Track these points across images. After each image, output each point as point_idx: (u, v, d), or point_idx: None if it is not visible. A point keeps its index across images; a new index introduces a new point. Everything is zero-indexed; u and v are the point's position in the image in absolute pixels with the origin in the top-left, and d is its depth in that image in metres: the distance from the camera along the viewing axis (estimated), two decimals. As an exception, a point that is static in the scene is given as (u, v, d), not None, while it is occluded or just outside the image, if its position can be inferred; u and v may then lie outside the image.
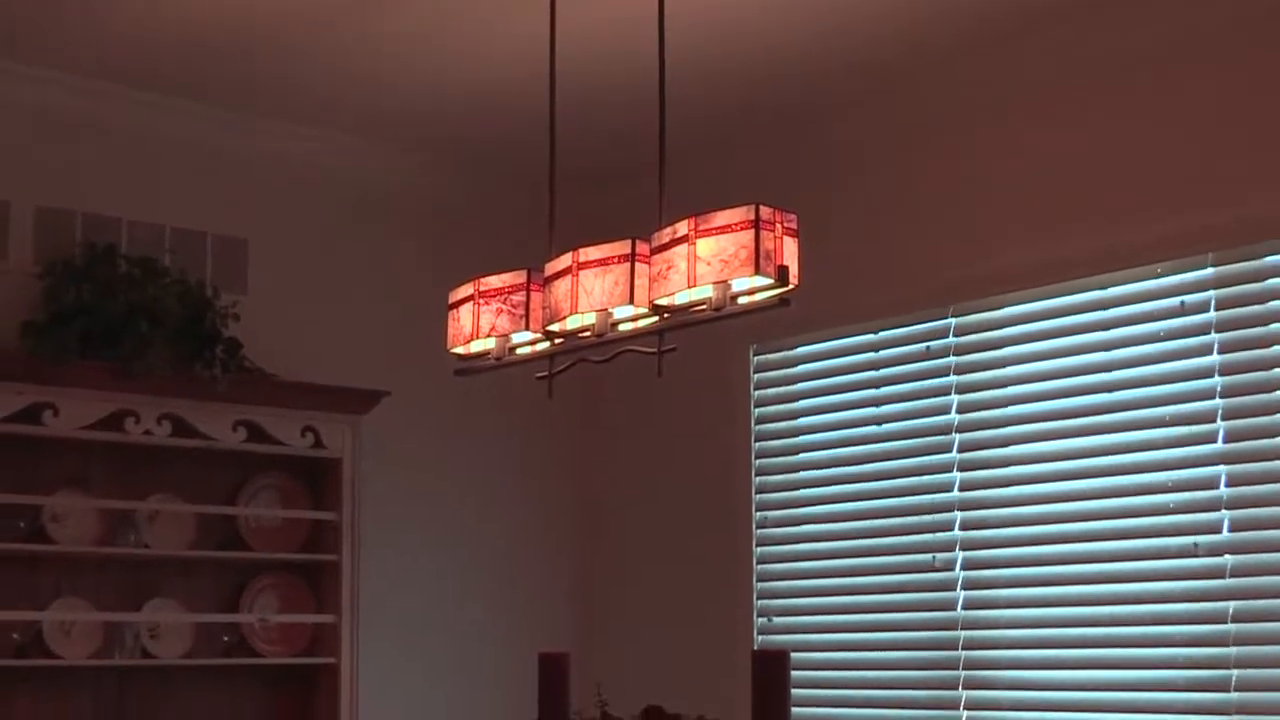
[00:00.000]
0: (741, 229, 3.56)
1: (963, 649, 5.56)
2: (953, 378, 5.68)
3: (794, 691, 3.66)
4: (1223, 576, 4.89)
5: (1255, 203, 4.83)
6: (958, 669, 5.57)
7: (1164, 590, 5.02)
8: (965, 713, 5.52)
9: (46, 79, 5.60)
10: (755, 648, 5.96)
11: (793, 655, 3.70)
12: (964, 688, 5.54)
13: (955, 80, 5.61)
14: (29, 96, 5.62)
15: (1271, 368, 4.82)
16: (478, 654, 6.56)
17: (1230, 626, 4.85)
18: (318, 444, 5.85)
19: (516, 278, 4.23)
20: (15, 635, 5.40)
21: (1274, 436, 4.80)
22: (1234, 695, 4.82)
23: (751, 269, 3.56)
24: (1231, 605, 4.85)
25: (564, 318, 3.96)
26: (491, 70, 5.55)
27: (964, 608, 5.57)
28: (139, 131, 5.88)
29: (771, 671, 3.57)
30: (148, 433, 5.49)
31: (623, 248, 3.84)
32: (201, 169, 6.05)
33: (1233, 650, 4.84)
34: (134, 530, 5.63)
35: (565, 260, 3.95)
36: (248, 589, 5.91)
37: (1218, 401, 4.93)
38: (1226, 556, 4.88)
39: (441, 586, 6.53)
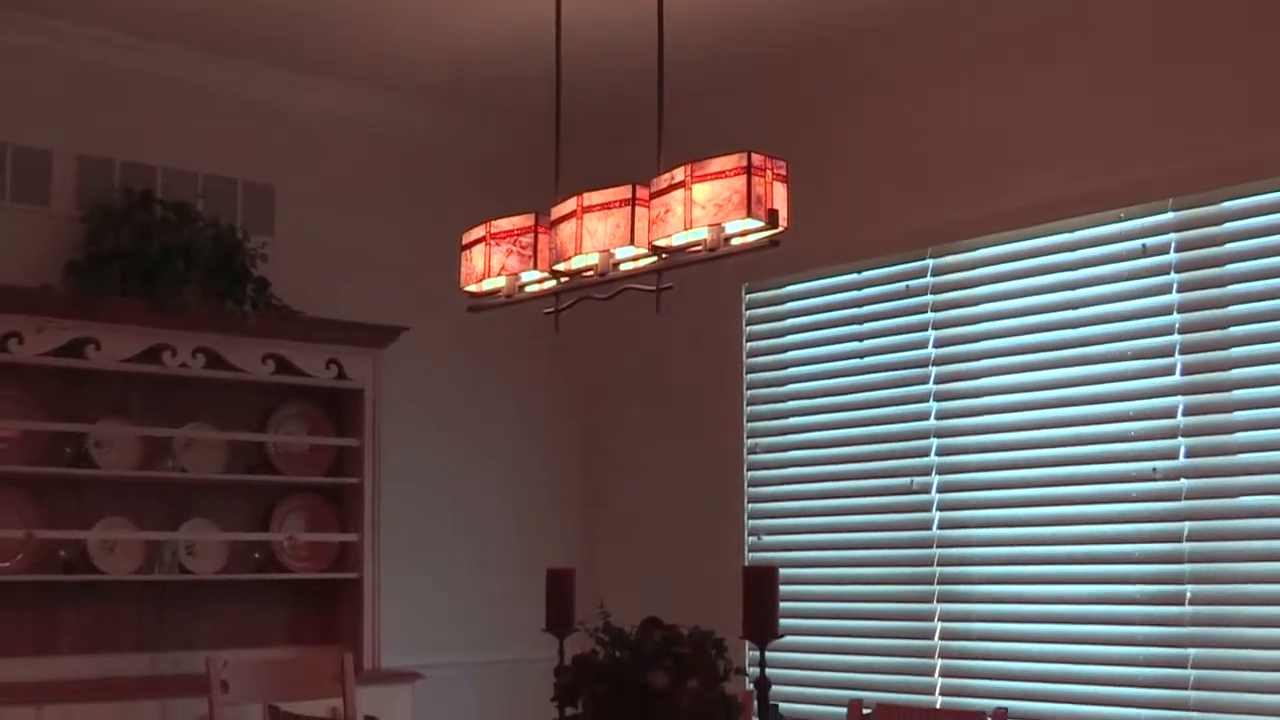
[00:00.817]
0: (735, 175, 3.56)
1: (938, 565, 5.58)
2: (930, 315, 5.69)
3: (781, 604, 3.68)
4: (1178, 498, 4.90)
5: (1213, 152, 4.82)
6: (933, 584, 5.59)
7: (1124, 511, 5.04)
8: (940, 624, 5.55)
9: (87, 35, 5.58)
10: (746, 564, 5.98)
11: (780, 571, 3.72)
12: (939, 601, 5.57)
13: (936, 35, 5.58)
14: (71, 52, 5.59)
15: (1226, 306, 4.83)
16: (490, 569, 6.59)
17: (1185, 544, 4.87)
18: (341, 375, 5.86)
19: (525, 221, 4.23)
20: (63, 553, 5.43)
21: (1228, 370, 4.81)
22: (1188, 609, 4.85)
23: (744, 212, 3.56)
24: (1186, 525, 4.87)
25: (569, 258, 3.96)
26: (503, 27, 5.53)
27: (939, 527, 5.59)
28: (174, 85, 5.86)
29: (761, 585, 3.58)
30: (183, 365, 5.50)
31: (624, 193, 3.84)
32: (232, 120, 6.04)
33: (1187, 567, 4.86)
34: (171, 456, 5.66)
35: (570, 204, 3.95)
36: (277, 510, 5.93)
37: (1176, 337, 4.93)
38: (1182, 480, 4.90)
39: (456, 507, 6.55)
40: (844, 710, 4.33)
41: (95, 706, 5.05)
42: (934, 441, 5.63)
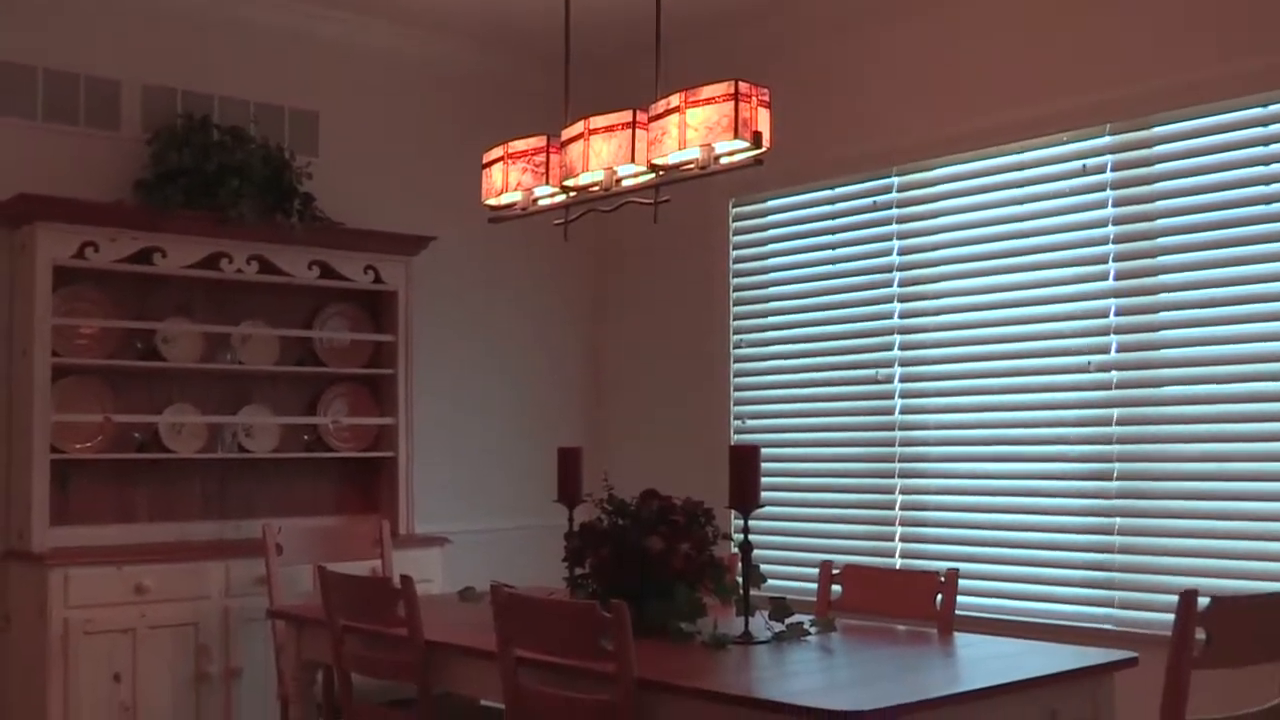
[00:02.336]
0: (724, 101, 3.55)
1: (899, 446, 5.60)
2: (894, 227, 5.66)
3: (763, 479, 3.69)
4: (1109, 389, 4.91)
5: (1146, 81, 4.79)
6: (894, 462, 5.61)
7: (1062, 399, 5.05)
8: (900, 496, 5.58)
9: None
10: (731, 444, 6.00)
11: (762, 450, 3.72)
12: (899, 476, 5.59)
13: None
14: (135, -9, 5.56)
15: (1154, 219, 4.81)
16: (509, 448, 6.61)
17: (1114, 429, 4.89)
18: (377, 279, 5.84)
19: (538, 142, 4.21)
20: (137, 435, 5.44)
21: (1155, 275, 4.80)
22: (1115, 484, 4.88)
23: (731, 134, 3.55)
24: (1116, 411, 4.89)
25: (577, 174, 3.95)
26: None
27: (900, 413, 5.60)
28: (229, 21, 5.79)
29: (745, 462, 3.59)
30: (239, 271, 5.48)
31: (625, 117, 3.84)
32: (281, 52, 5.97)
33: (1115, 447, 4.88)
34: (230, 350, 5.65)
35: (578, 127, 3.93)
36: (323, 397, 5.93)
37: (1110, 247, 4.92)
38: (1113, 372, 4.90)
39: (479, 393, 6.56)
40: (816, 570, 4.35)
41: (168, 567, 5.08)
42: (897, 338, 5.63)
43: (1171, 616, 2.54)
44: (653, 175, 3.84)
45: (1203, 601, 2.53)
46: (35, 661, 4.89)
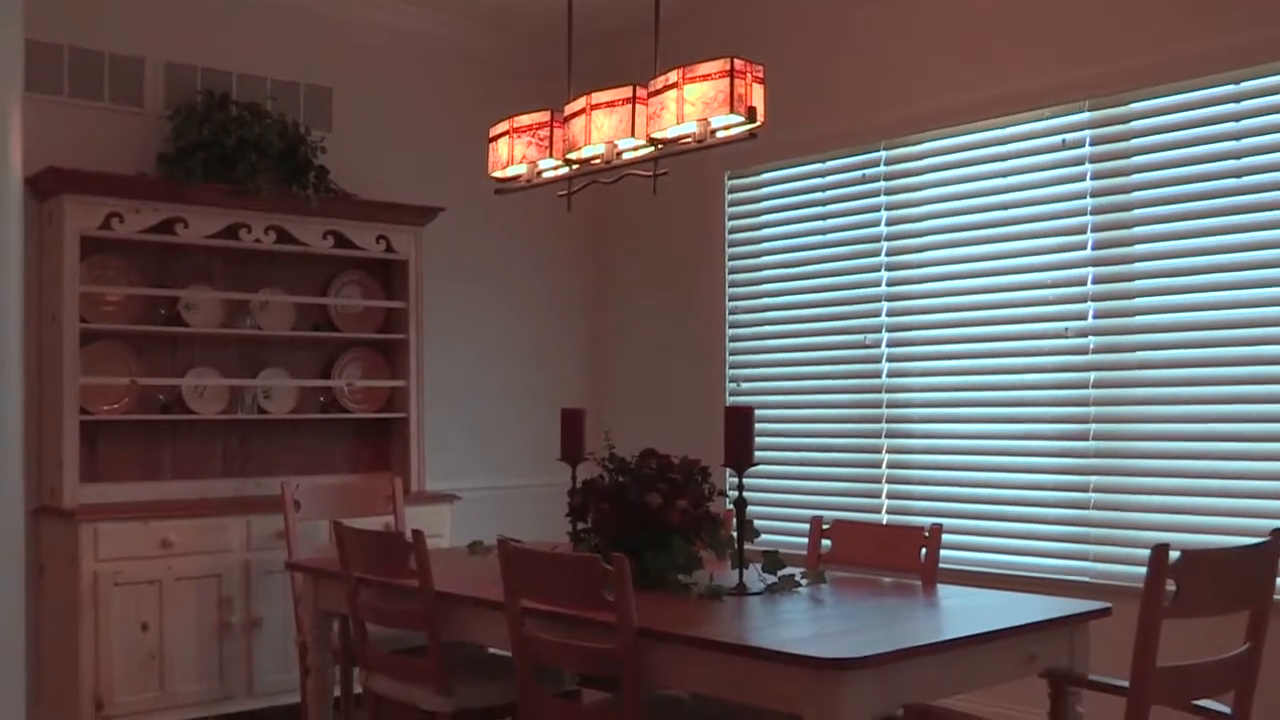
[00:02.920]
0: (720, 77, 3.54)
1: (886, 407, 5.60)
2: (882, 198, 5.64)
3: (756, 439, 3.69)
4: (1086, 353, 4.91)
5: (1123, 59, 4.77)
6: (881, 423, 5.61)
7: (1041, 363, 5.05)
8: (886, 455, 5.59)
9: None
10: (727, 404, 6.00)
11: (756, 411, 3.72)
12: (886, 436, 5.59)
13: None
14: (156, -27, 5.53)
15: (1131, 192, 4.80)
16: (514, 409, 6.61)
17: (1090, 391, 4.89)
18: (389, 249, 5.83)
19: (542, 116, 4.20)
20: (161, 397, 5.45)
21: (1130, 246, 4.79)
22: (1090, 444, 4.88)
23: (727, 109, 3.54)
24: (1092, 375, 4.89)
25: (580, 147, 3.94)
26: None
27: (887, 376, 5.60)
28: (247, 1, 5.77)
29: (740, 422, 3.59)
30: (257, 240, 5.47)
31: (626, 92, 3.83)
32: (296, 31, 5.95)
33: (1091, 409, 4.89)
34: (249, 316, 5.64)
35: (581, 103, 3.92)
36: (337, 361, 5.93)
37: (1088, 218, 4.91)
38: (1090, 337, 4.90)
39: (486, 357, 6.56)
40: (807, 525, 4.36)
41: (192, 522, 5.10)
42: (884, 305, 5.62)
43: (1143, 569, 2.55)
44: (652, 149, 3.83)
45: (1173, 555, 2.53)
46: (68, 611, 4.92)
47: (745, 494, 3.60)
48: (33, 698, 5.03)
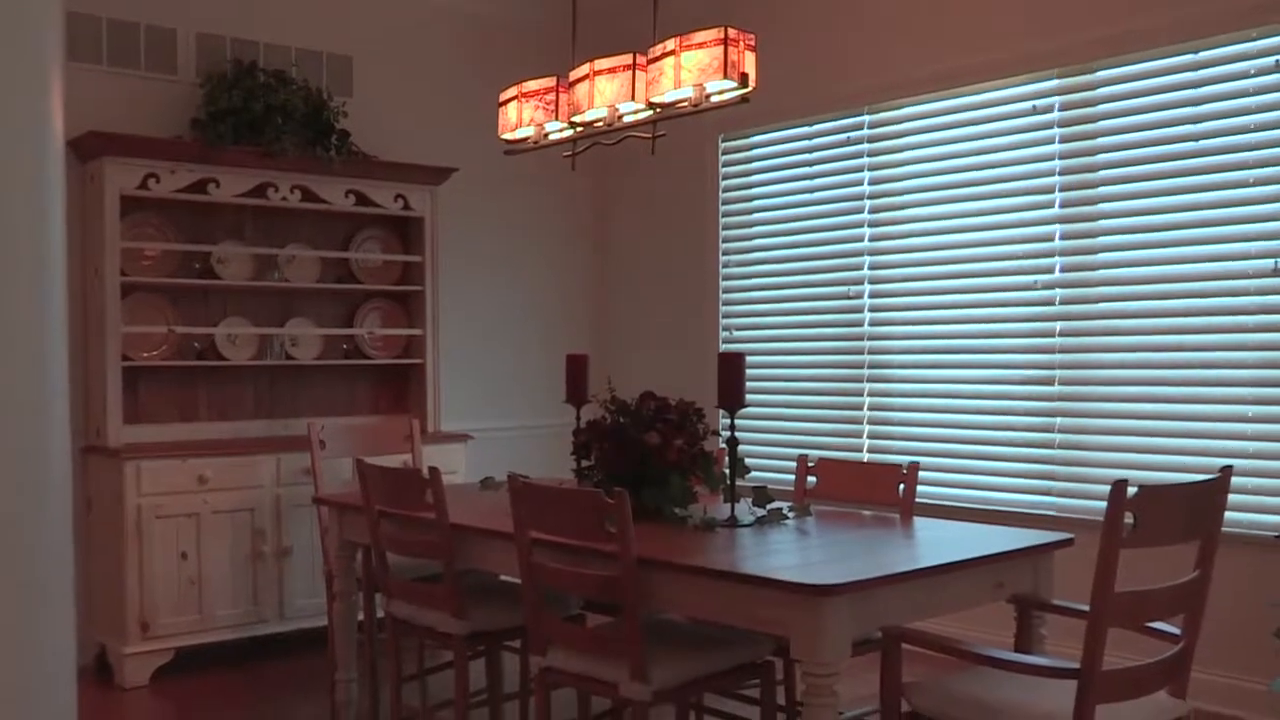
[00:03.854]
0: (714, 45, 3.51)
1: (867, 354, 5.60)
2: (865, 159, 5.62)
3: (747, 383, 3.69)
4: (1053, 304, 4.92)
5: (1090, 31, 4.74)
6: (863, 368, 5.62)
7: (1011, 313, 5.05)
8: (868, 398, 5.60)
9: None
10: (720, 351, 6.01)
11: (747, 357, 3.72)
12: (867, 380, 5.60)
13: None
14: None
15: (1096, 154, 4.78)
16: (521, 354, 6.61)
17: (1056, 339, 4.90)
18: (406, 206, 5.80)
19: (549, 82, 4.17)
20: (196, 344, 5.45)
21: (1095, 204, 4.78)
22: (1056, 388, 4.90)
23: (721, 75, 3.51)
24: (1058, 324, 4.89)
25: (584, 111, 3.92)
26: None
27: (869, 325, 5.60)
28: (270, -25, 5.74)
29: (732, 368, 3.58)
30: (284, 199, 5.45)
31: (626, 59, 3.80)
32: (318, 3, 5.90)
33: (1057, 356, 4.90)
34: (277, 269, 5.63)
35: (585, 69, 3.89)
36: (359, 311, 5.93)
37: (1056, 178, 4.90)
38: (1057, 290, 4.90)
39: (496, 307, 6.55)
40: (794, 463, 4.37)
41: (226, 460, 5.11)
42: (866, 259, 5.61)
43: (1104, 504, 2.56)
44: (650, 112, 3.81)
45: (1131, 490, 2.54)
46: (114, 542, 4.94)
47: (736, 434, 3.61)
48: (84, 622, 5.07)
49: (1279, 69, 4.28)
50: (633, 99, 3.78)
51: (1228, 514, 2.91)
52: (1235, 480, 4.11)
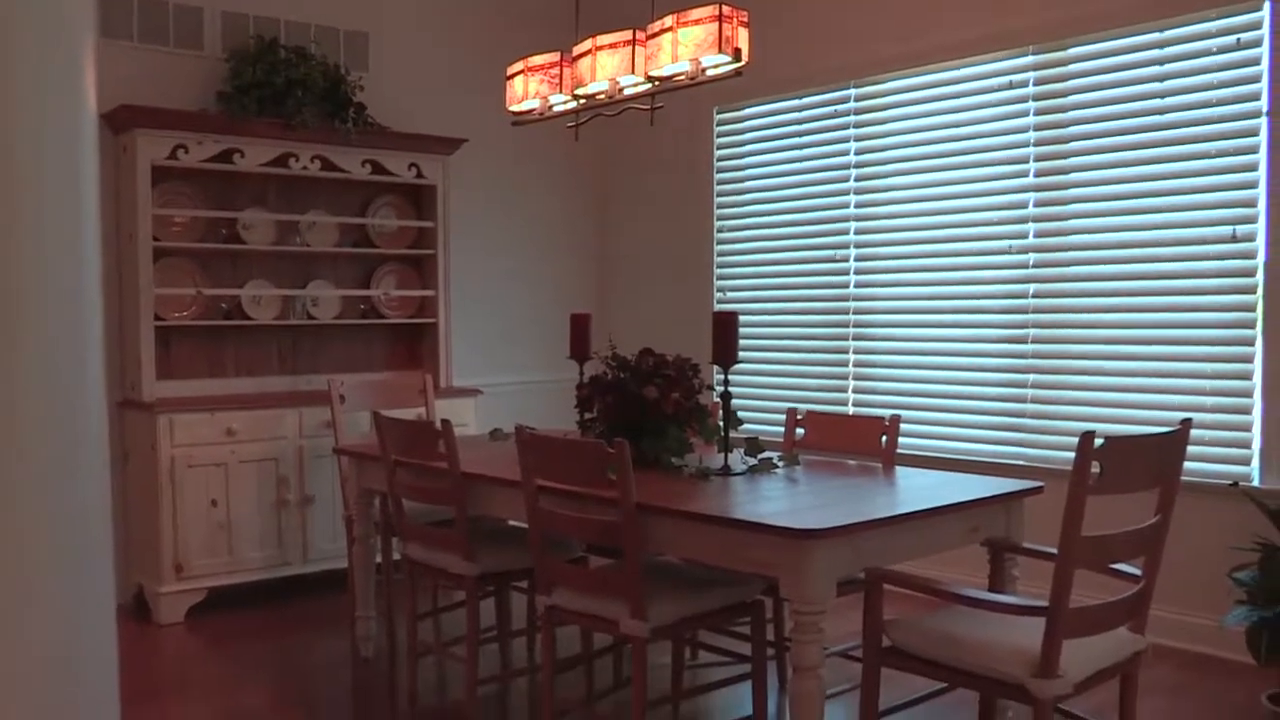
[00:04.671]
0: (710, 21, 3.49)
1: (852, 314, 5.60)
2: (851, 131, 5.59)
3: (740, 340, 3.69)
4: (1027, 267, 4.90)
5: (1062, 10, 4.71)
6: (849, 327, 5.62)
7: (987, 276, 5.04)
8: (853, 355, 5.60)
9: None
10: (714, 310, 6.01)
11: (739, 316, 3.72)
12: (853, 339, 5.60)
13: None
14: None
15: (1067, 127, 4.76)
16: (528, 314, 6.61)
17: (1030, 300, 4.89)
18: (420, 175, 5.77)
19: (553, 57, 4.15)
20: (223, 305, 5.44)
21: (1066, 174, 4.76)
22: (1029, 346, 4.90)
23: (716, 50, 3.49)
24: (1032, 286, 4.88)
25: (586, 84, 3.89)
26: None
27: (854, 286, 5.59)
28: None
29: (726, 326, 3.58)
30: (304, 168, 5.42)
31: (627, 35, 3.78)
32: (334, -17, 5.86)
33: (1030, 316, 4.89)
34: (298, 234, 5.62)
35: (587, 44, 3.87)
36: (375, 273, 5.91)
37: (1030, 149, 4.87)
38: (1030, 254, 4.89)
39: (503, 270, 6.53)
40: (783, 415, 4.38)
41: (252, 413, 5.12)
42: (852, 224, 5.59)
43: (1072, 454, 2.56)
44: (649, 85, 3.79)
45: (1097, 441, 2.55)
46: (149, 489, 4.96)
47: (730, 388, 3.61)
48: (123, 564, 5.09)
49: (1239, 47, 4.26)
50: (632, 73, 3.76)
51: (1186, 464, 2.93)
52: (1194, 432, 4.15)
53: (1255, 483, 4.24)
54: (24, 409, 1.90)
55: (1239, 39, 4.27)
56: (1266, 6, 4.17)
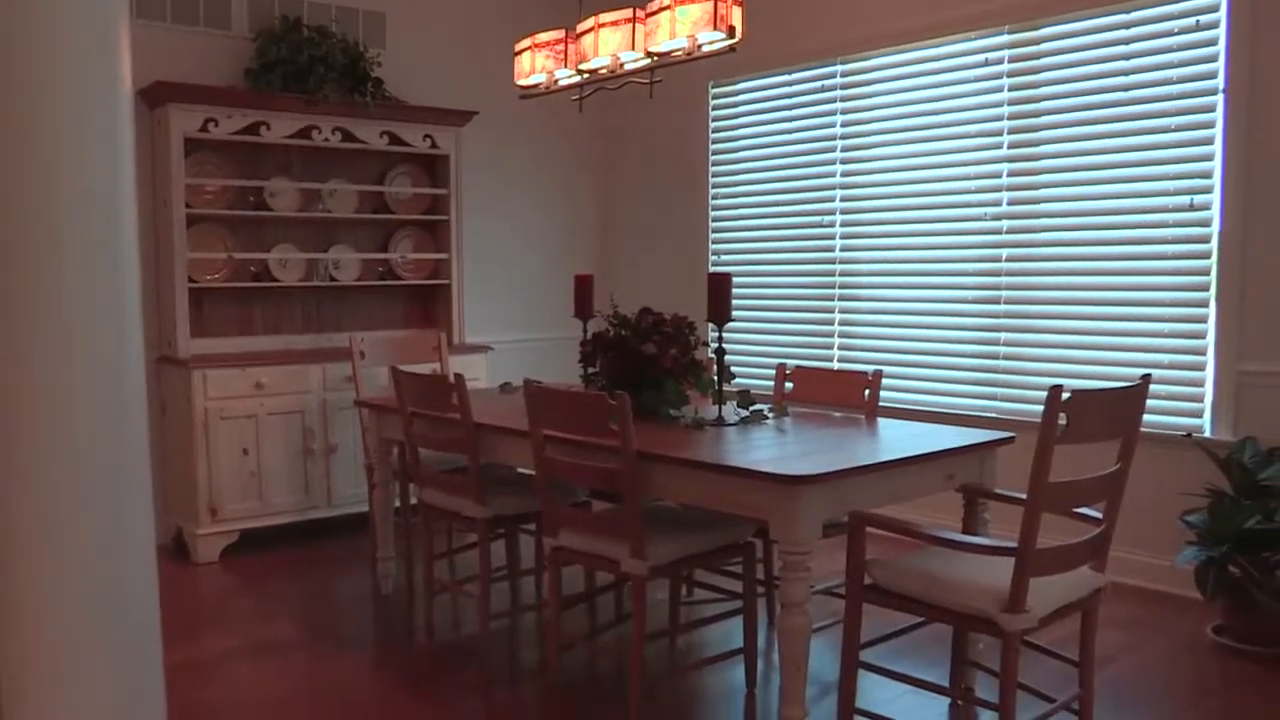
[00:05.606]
0: (705, 0, 3.44)
1: (838, 275, 5.58)
2: (838, 104, 5.54)
3: (734, 300, 3.68)
4: (1001, 233, 4.88)
5: (1038, -11, 4.66)
6: (835, 288, 5.60)
7: (964, 241, 5.02)
8: (838, 315, 5.59)
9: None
10: (710, 272, 6.01)
11: (733, 277, 3.71)
12: (839, 299, 5.59)
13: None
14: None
15: (1040, 101, 4.72)
16: (535, 275, 6.59)
17: (1003, 264, 4.87)
18: (434, 145, 5.74)
19: (559, 34, 4.11)
20: (251, 268, 5.43)
21: (1038, 145, 4.73)
22: (1002, 306, 4.89)
23: (711, 27, 3.46)
24: (1005, 251, 4.87)
25: (589, 60, 3.86)
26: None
27: (840, 250, 5.57)
28: (310, -62, 5.61)
29: (720, 286, 3.58)
30: (326, 139, 5.38)
31: (628, 13, 3.75)
32: (353, -36, 5.80)
33: (1003, 279, 4.88)
34: (321, 202, 5.59)
35: (590, 22, 3.84)
36: (392, 238, 5.88)
37: (1005, 123, 4.84)
38: (1004, 220, 4.87)
39: (512, 234, 6.51)
40: (773, 370, 4.38)
41: (279, 369, 5.12)
42: (838, 192, 5.56)
43: (1040, 407, 2.57)
44: (649, 60, 3.75)
45: (1064, 395, 2.55)
46: (185, 439, 4.97)
47: (724, 344, 3.61)
48: (163, 508, 5.12)
49: (1198, 29, 4.23)
50: (633, 49, 3.73)
51: (1145, 416, 2.93)
52: (1153, 387, 4.16)
53: (1207, 434, 4.26)
54: (73, 367, 1.92)
55: (1198, 21, 4.24)
56: (1227, -12, 4.15)
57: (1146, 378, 2.84)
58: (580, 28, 3.91)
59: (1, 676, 2.00)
